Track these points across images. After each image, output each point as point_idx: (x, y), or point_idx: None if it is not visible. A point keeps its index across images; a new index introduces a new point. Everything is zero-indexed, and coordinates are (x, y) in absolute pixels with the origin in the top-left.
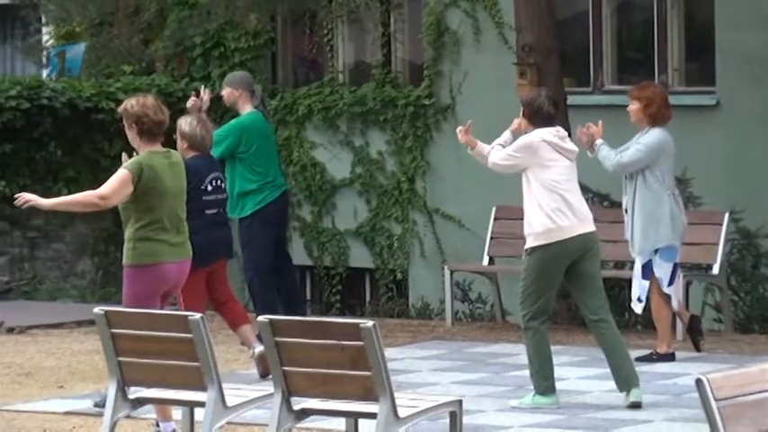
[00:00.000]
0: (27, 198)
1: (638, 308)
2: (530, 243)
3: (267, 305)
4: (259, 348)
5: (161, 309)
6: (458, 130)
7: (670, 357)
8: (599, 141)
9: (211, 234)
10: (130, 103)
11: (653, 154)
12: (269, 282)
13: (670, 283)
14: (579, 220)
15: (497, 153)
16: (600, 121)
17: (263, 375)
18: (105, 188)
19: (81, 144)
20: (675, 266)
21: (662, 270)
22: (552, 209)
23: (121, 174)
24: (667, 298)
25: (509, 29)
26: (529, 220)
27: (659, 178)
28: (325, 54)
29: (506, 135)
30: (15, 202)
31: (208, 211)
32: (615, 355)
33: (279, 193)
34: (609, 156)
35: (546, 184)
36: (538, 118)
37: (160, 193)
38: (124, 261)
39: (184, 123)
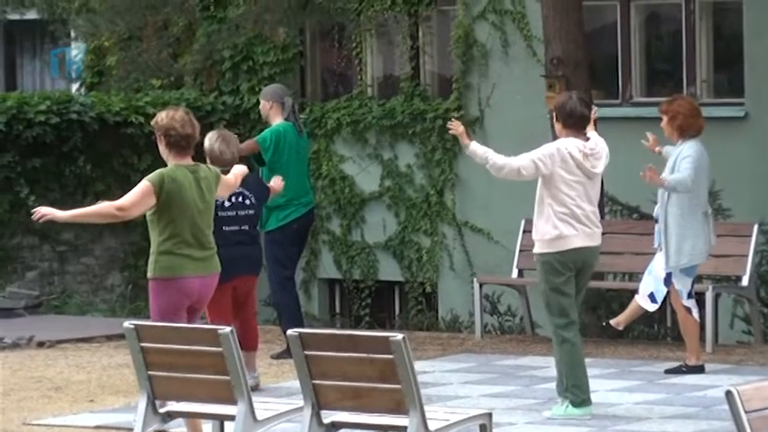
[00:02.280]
0: (43, 212)
1: (650, 306)
2: (535, 249)
3: (292, 318)
4: (252, 380)
5: (190, 323)
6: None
7: (699, 369)
8: (666, 178)
9: (232, 251)
10: (161, 116)
11: (698, 168)
12: (291, 293)
13: (690, 296)
14: (585, 234)
15: (518, 159)
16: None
17: None
18: (124, 199)
19: (110, 158)
20: (694, 281)
21: (682, 283)
22: (560, 219)
23: (143, 185)
24: (688, 310)
25: (537, 41)
26: (536, 225)
27: (694, 195)
28: (353, 67)
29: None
30: (32, 217)
31: (226, 228)
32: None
33: (305, 210)
34: (678, 179)
35: (557, 195)
36: (571, 121)
37: (181, 207)
38: (148, 274)
39: (206, 139)
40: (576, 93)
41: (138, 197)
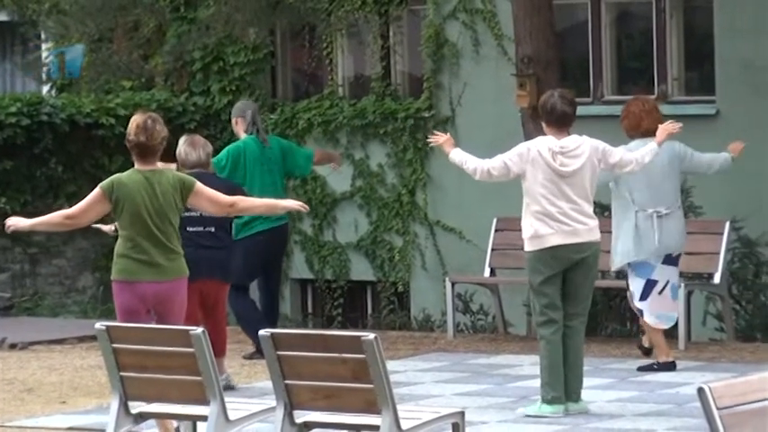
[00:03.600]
0: (9, 223)
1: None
2: (524, 247)
3: (250, 323)
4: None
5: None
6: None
7: (670, 366)
8: None
9: (195, 252)
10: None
11: None
12: (245, 301)
13: (642, 298)
14: (563, 232)
15: (490, 160)
16: None
17: None
18: (74, 207)
19: (81, 160)
20: (650, 282)
21: (634, 284)
22: (536, 218)
23: (94, 192)
24: (640, 312)
25: (508, 40)
26: (521, 224)
27: (624, 193)
28: (324, 67)
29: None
30: (6, 229)
31: (190, 228)
32: (566, 364)
33: (274, 225)
34: None
35: (532, 194)
36: (551, 118)
37: (131, 211)
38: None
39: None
40: (559, 90)
41: (86, 205)
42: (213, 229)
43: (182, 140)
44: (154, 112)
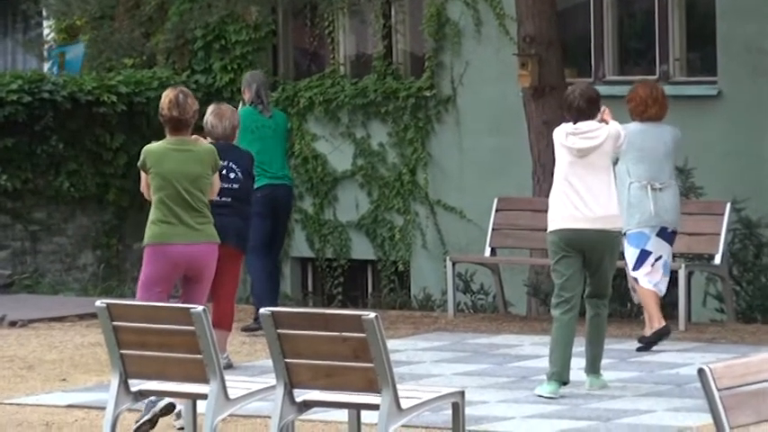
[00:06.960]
0: None
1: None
2: None
3: (258, 286)
4: (223, 361)
5: (192, 295)
6: None
7: (664, 331)
8: None
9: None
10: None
11: None
12: (258, 261)
13: (635, 268)
14: (572, 217)
15: None
16: None
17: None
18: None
19: (82, 137)
20: (644, 253)
21: (628, 254)
22: (553, 199)
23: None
24: (635, 281)
25: (510, 20)
26: None
27: (623, 168)
28: (326, 46)
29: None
30: None
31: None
32: (588, 341)
33: (267, 182)
34: None
35: (555, 174)
36: (571, 113)
37: (160, 175)
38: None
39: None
40: (581, 86)
41: (142, 182)
42: (228, 200)
43: (209, 110)
44: (184, 87)
